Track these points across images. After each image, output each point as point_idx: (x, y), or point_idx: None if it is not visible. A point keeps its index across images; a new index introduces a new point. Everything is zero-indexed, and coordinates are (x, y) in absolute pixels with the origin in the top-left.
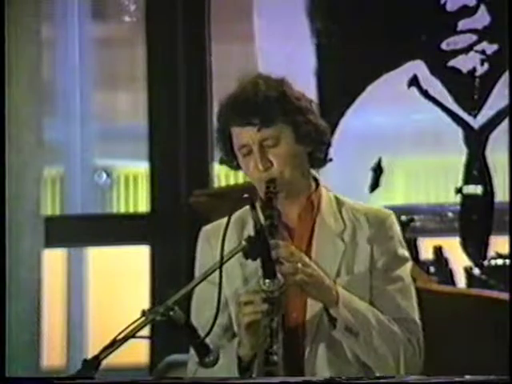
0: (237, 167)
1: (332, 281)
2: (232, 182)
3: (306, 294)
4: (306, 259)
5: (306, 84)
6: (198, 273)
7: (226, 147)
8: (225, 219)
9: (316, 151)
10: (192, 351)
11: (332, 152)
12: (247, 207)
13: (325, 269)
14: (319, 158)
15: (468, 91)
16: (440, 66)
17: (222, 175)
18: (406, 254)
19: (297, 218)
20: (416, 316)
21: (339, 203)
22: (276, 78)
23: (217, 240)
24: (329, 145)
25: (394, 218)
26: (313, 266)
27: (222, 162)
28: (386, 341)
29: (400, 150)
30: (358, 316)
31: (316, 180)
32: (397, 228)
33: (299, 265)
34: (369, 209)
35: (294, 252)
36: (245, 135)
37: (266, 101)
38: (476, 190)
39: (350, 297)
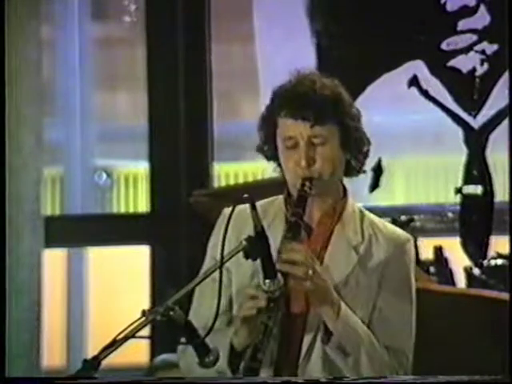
0: (272, 158)
1: (338, 296)
2: (232, 182)
3: (309, 301)
4: (318, 268)
5: None
6: (209, 251)
7: (268, 135)
8: (247, 205)
9: (353, 159)
10: (181, 348)
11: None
12: (246, 207)
13: (334, 275)
14: (354, 167)
15: (468, 91)
16: (440, 66)
17: (222, 175)
18: (413, 286)
19: (318, 221)
20: (410, 351)
21: (362, 216)
22: (331, 79)
23: (239, 221)
24: (366, 156)
25: (412, 243)
26: (323, 276)
27: (259, 149)
28: (373, 368)
29: (400, 150)
30: (354, 338)
31: (345, 188)
32: (413, 254)
33: (310, 271)
34: (390, 228)
35: (308, 258)
36: (295, 128)
37: (322, 99)
38: (476, 189)
39: (352, 316)
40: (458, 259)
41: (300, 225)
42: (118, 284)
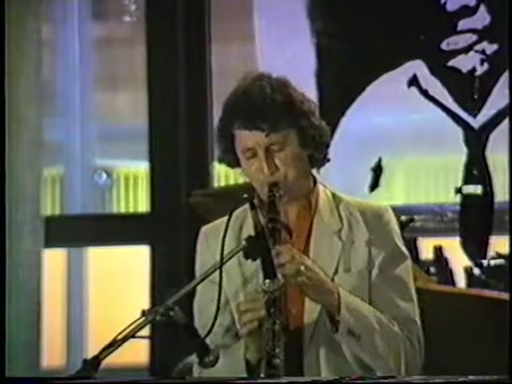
0: (235, 166)
1: (334, 283)
2: (232, 181)
3: (307, 296)
4: (308, 262)
5: (306, 84)
6: (198, 272)
7: (226, 147)
8: (223, 218)
9: (316, 153)
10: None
11: (332, 152)
12: (245, 206)
13: (323, 267)
14: (319, 159)
15: (468, 91)
16: (440, 66)
17: (222, 175)
18: (405, 250)
19: (295, 218)
20: (416, 315)
21: (336, 200)
22: (279, 79)
23: (215, 239)
24: (328, 146)
25: (390, 213)
26: (315, 269)
27: (220, 160)
28: (387, 342)
29: (400, 150)
30: (360, 318)
31: (314, 178)
32: (394, 223)
33: (302, 267)
34: (365, 204)
35: (295, 255)
36: (251, 139)
37: (273, 105)
38: (476, 189)
39: (353, 299)
40: (458, 259)
41: (279, 229)
42: (118, 284)
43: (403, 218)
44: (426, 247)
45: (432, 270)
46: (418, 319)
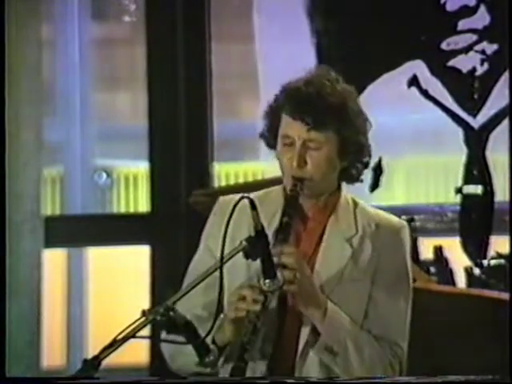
0: (272, 147)
1: (324, 298)
2: (232, 182)
3: (295, 303)
4: (306, 270)
5: None
6: (203, 240)
7: (271, 126)
8: (239, 195)
9: (351, 168)
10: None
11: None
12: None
13: (329, 270)
14: (352, 175)
15: (468, 91)
16: (440, 66)
17: (222, 175)
18: (411, 273)
19: (311, 216)
20: (404, 341)
21: (356, 207)
22: (345, 86)
23: (224, 216)
24: (366, 166)
25: (407, 230)
26: (311, 278)
27: (261, 136)
28: (363, 364)
29: (400, 150)
30: (341, 337)
31: (339, 184)
32: (407, 242)
33: (298, 275)
34: (384, 217)
35: (296, 260)
36: (293, 128)
37: (326, 105)
38: (476, 189)
39: (339, 317)
40: (458, 259)
41: (291, 225)
42: (118, 284)
43: (403, 217)
44: (426, 247)
45: (432, 269)
46: (405, 345)
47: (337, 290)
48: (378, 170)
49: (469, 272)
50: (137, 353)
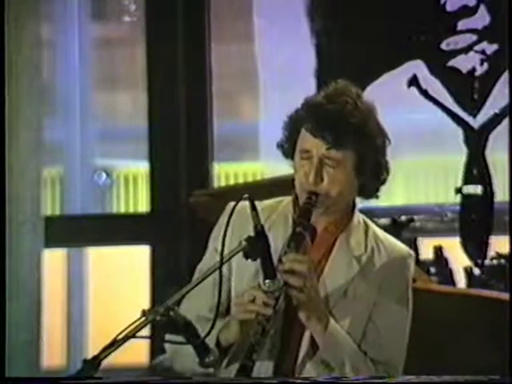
0: (289, 158)
1: (327, 313)
2: (232, 182)
3: (298, 312)
4: (315, 282)
5: (305, 84)
6: (211, 242)
7: (289, 137)
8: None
9: (368, 185)
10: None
11: None
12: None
13: (334, 284)
14: (369, 192)
15: (468, 91)
16: (440, 66)
17: (222, 175)
18: (411, 301)
19: (323, 229)
20: (400, 364)
21: (367, 228)
22: (367, 103)
23: (237, 221)
24: (383, 183)
25: (412, 260)
26: (318, 290)
27: (278, 146)
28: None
29: (400, 150)
30: (339, 353)
31: (354, 203)
32: (411, 271)
33: (308, 284)
34: (392, 242)
35: (308, 268)
36: (312, 144)
37: (346, 126)
38: (476, 189)
39: (339, 332)
40: (458, 259)
41: (304, 236)
42: (118, 284)
43: (403, 217)
44: (426, 247)
45: (432, 269)
46: (400, 368)
47: (339, 306)
48: None
49: (469, 272)
50: (137, 353)
